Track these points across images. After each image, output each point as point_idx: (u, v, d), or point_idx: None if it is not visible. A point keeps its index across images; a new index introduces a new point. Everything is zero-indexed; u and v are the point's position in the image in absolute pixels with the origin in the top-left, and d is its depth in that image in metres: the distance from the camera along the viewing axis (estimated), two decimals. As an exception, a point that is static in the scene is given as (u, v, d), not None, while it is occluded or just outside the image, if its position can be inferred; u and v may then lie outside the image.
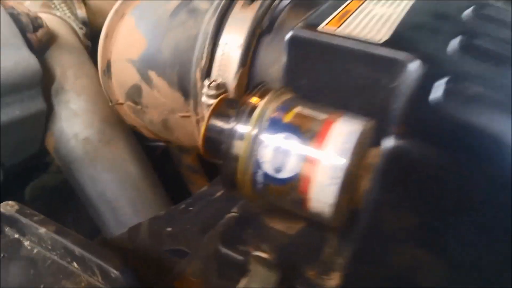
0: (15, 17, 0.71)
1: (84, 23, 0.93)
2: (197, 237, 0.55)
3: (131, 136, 0.78)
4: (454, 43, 0.44)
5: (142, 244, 0.57)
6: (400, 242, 0.33)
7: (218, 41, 0.51)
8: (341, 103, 0.46)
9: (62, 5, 0.92)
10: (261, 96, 0.41)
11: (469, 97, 0.37)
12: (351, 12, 0.49)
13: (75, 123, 0.76)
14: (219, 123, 0.42)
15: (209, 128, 0.43)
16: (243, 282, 0.41)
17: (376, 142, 0.41)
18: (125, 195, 0.77)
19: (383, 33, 0.45)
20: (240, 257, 0.43)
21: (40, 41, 0.74)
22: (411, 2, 0.52)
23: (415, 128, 0.33)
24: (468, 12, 0.50)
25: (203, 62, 0.51)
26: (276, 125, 0.40)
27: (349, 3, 0.51)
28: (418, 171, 0.31)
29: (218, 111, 0.43)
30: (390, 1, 0.52)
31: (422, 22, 0.48)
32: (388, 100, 0.44)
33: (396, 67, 0.42)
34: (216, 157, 0.42)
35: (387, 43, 0.44)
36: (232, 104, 0.43)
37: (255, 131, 0.40)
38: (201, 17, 0.53)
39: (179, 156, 0.89)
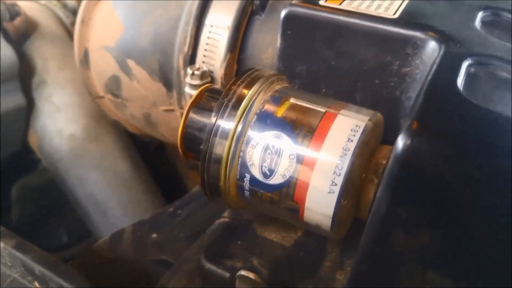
0: (-12, 5, 0.66)
1: (74, 11, 0.87)
2: (183, 245, 0.50)
3: (121, 131, 0.73)
4: (478, 19, 0.37)
5: (124, 253, 0.51)
6: (412, 264, 0.27)
7: (204, 22, 0.45)
8: (345, 91, 0.40)
9: (47, -8, 0.86)
10: (249, 85, 0.35)
11: (499, 84, 0.30)
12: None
13: (58, 119, 0.70)
14: (199, 118, 0.36)
15: (187, 125, 0.36)
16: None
17: (387, 139, 0.35)
18: (115, 195, 0.72)
19: (395, 9, 0.38)
20: (226, 274, 0.37)
21: (17, 30, 0.69)
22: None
23: (434, 124, 0.26)
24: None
25: (186, 47, 0.45)
26: (265, 120, 0.33)
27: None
28: (438, 178, 0.25)
29: (199, 104, 0.37)
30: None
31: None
32: (400, 87, 0.37)
33: (410, 47, 0.36)
34: (197, 159, 0.36)
35: (401, 19, 0.37)
36: (215, 96, 0.37)
37: (240, 128, 0.33)
38: (184, -5, 0.47)
39: (175, 151, 0.83)
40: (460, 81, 0.30)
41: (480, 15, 0.38)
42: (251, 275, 0.34)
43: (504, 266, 0.25)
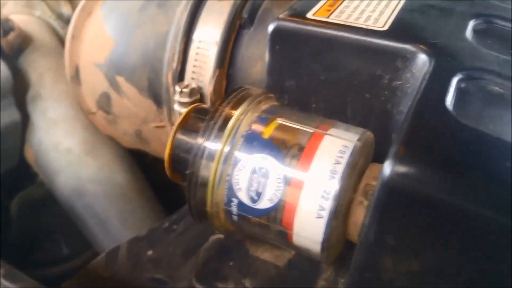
0: (-19, 22, 0.66)
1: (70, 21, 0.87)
2: (179, 261, 0.49)
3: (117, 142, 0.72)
4: (470, 28, 0.36)
5: (120, 271, 0.51)
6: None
7: (192, 37, 0.44)
8: (335, 106, 0.39)
9: (42, 4, 0.86)
10: (236, 106, 0.34)
11: (490, 100, 0.29)
12: (344, -3, 0.41)
13: (54, 133, 0.70)
14: (186, 140, 0.35)
15: (174, 146, 0.35)
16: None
17: (380, 153, 0.34)
18: (114, 207, 0.72)
19: (384, 21, 0.37)
20: (218, 298, 0.36)
21: (11, 45, 0.68)
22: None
23: (422, 148, 0.25)
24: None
25: (174, 63, 0.44)
26: (253, 142, 0.32)
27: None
28: (426, 206, 0.24)
29: (186, 125, 0.36)
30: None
31: (431, 3, 0.40)
32: (392, 101, 0.36)
33: (399, 61, 0.35)
34: (185, 181, 0.35)
35: (390, 32, 0.36)
36: (203, 116, 0.36)
37: (227, 150, 0.32)
38: (172, 10, 0.46)
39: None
40: (450, 98, 0.29)
41: (471, 24, 0.37)
42: (241, 301, 0.33)
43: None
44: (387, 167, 0.24)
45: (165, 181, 0.84)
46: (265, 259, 0.39)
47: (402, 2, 0.40)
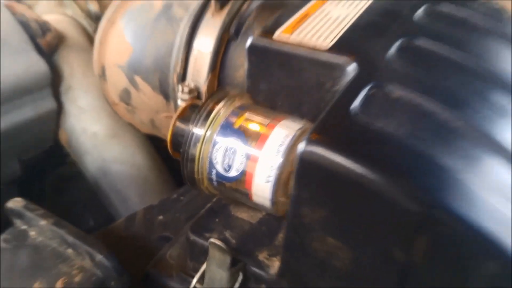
0: (24, 24, 0.84)
1: (98, 17, 1.05)
2: (182, 224, 0.67)
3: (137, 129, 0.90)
4: (395, 46, 0.52)
5: (136, 232, 0.69)
6: (317, 232, 0.43)
7: (192, 47, 0.62)
8: (295, 105, 0.55)
9: (72, 3, 1.04)
10: (217, 102, 0.51)
11: (388, 106, 0.45)
12: (308, 16, 0.57)
13: (83, 119, 0.88)
14: (182, 127, 0.53)
15: (174, 132, 0.53)
16: (205, 264, 0.52)
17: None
18: (134, 185, 0.88)
19: (332, 38, 0.53)
20: (206, 243, 0.53)
21: (49, 45, 0.87)
22: (369, 2, 0.59)
23: (326, 135, 0.42)
24: (420, 11, 0.57)
25: (178, 68, 0.61)
26: (227, 129, 0.50)
27: (311, 5, 0.60)
28: (324, 173, 0.40)
29: (183, 116, 0.53)
30: (350, 1, 0.60)
31: (372, 23, 0.56)
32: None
33: (337, 71, 0.51)
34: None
35: (331, 49, 0.52)
36: (195, 110, 0.53)
37: (208, 134, 0.50)
38: (177, 24, 0.63)
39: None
40: (358, 101, 0.45)
41: (398, 42, 0.52)
42: (218, 242, 0.50)
43: (371, 229, 0.41)
44: (300, 147, 0.41)
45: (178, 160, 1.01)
46: (242, 218, 0.56)
47: (352, 21, 0.56)
